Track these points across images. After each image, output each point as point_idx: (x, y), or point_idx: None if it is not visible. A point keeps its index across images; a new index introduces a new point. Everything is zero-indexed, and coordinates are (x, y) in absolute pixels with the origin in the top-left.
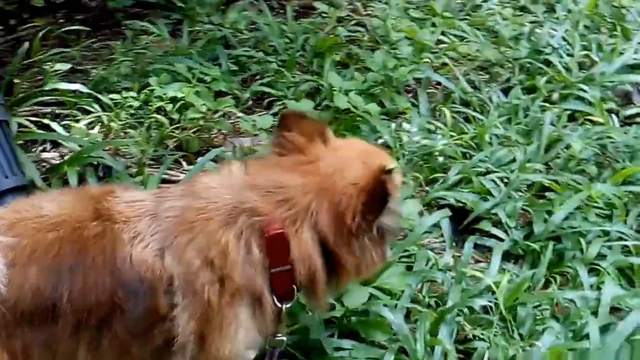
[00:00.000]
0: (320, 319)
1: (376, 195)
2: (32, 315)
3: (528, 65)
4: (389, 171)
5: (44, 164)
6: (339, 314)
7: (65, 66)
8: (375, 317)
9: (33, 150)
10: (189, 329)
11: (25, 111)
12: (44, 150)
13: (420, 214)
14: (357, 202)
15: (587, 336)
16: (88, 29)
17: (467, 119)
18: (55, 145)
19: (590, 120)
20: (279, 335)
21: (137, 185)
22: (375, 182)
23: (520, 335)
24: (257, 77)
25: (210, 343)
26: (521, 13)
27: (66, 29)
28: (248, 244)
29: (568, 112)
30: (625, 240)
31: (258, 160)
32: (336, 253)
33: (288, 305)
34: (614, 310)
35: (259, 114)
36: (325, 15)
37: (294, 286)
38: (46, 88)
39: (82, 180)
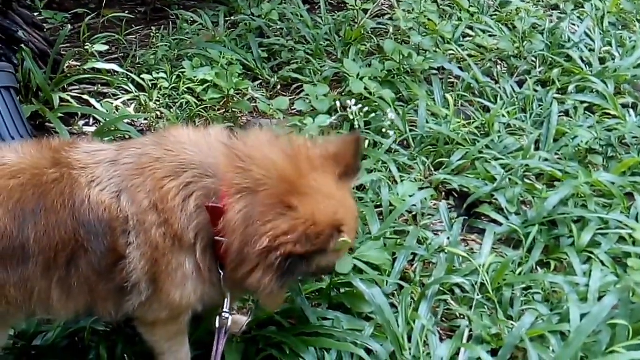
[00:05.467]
0: (301, 290)
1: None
2: (4, 257)
3: (550, 59)
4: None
5: (85, 135)
6: (325, 285)
7: (103, 47)
8: (359, 290)
9: (72, 122)
10: (141, 268)
11: (74, 88)
12: (86, 124)
13: (434, 197)
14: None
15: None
16: (142, 18)
17: (483, 109)
18: (97, 120)
19: (608, 114)
20: (225, 310)
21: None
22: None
23: (511, 316)
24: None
25: (161, 286)
26: (548, 10)
27: (118, 15)
28: (187, 198)
29: (585, 105)
30: (623, 229)
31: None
32: None
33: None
34: None
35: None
36: (352, 7)
37: None
38: (85, 67)
39: None
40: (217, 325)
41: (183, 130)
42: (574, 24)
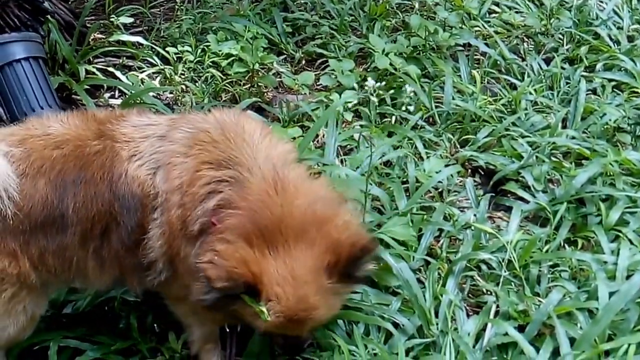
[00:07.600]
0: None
1: None
2: (44, 225)
3: (577, 36)
4: None
5: (111, 108)
6: None
7: (128, 20)
8: (386, 264)
9: (97, 95)
10: (159, 246)
11: (99, 60)
12: (112, 97)
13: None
14: None
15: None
16: None
17: (510, 86)
18: (123, 92)
19: (636, 92)
20: None
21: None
22: None
23: (537, 293)
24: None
25: (176, 268)
26: None
27: None
28: (212, 195)
29: (613, 83)
30: None
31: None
32: None
33: None
34: None
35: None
36: None
37: None
38: (111, 39)
39: None
40: (227, 328)
41: (256, 126)
42: (602, 2)
